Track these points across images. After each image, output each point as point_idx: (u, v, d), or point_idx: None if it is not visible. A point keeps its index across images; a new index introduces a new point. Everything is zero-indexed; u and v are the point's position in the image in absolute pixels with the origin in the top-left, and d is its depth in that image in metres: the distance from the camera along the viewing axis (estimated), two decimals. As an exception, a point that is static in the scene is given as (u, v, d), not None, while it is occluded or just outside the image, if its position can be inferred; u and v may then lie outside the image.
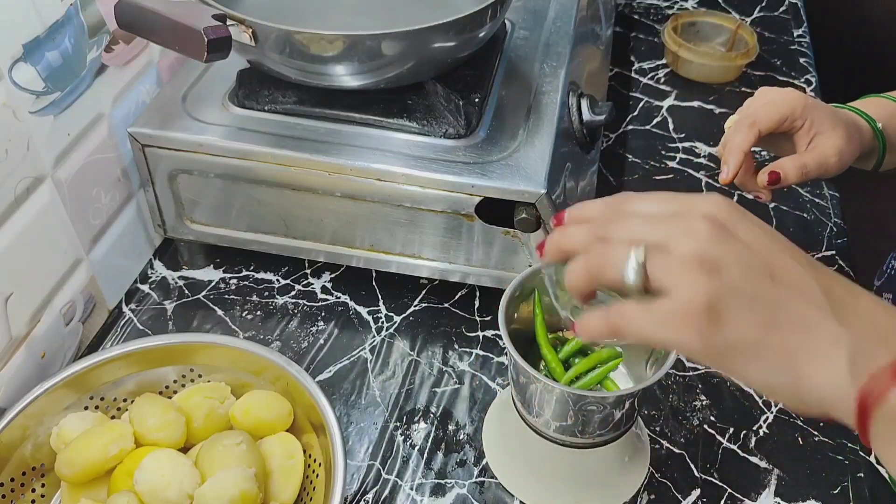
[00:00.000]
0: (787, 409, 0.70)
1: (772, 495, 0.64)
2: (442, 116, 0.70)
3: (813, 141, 0.64)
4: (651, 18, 1.22)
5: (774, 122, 0.63)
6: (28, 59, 0.61)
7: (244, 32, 0.62)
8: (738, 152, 0.63)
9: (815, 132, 0.64)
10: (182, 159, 0.71)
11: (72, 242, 0.70)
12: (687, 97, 1.06)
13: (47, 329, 0.68)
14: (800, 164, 0.63)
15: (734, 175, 0.63)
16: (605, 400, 0.55)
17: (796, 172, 0.63)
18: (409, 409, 0.70)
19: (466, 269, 0.73)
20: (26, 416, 0.58)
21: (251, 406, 0.61)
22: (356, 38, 0.62)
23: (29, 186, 0.63)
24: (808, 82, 1.08)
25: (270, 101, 0.71)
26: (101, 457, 0.56)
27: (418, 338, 0.76)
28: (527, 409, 0.60)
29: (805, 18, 1.22)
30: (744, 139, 0.63)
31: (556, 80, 0.77)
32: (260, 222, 0.75)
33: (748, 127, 0.63)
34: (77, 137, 0.68)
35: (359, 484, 0.65)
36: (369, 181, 0.68)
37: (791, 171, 0.63)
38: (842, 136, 0.64)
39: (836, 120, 0.64)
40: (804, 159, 0.64)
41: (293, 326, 0.77)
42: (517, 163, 0.67)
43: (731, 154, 0.63)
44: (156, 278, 0.81)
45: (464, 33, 0.66)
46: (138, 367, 0.63)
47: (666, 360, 0.55)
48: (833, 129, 0.64)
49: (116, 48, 0.71)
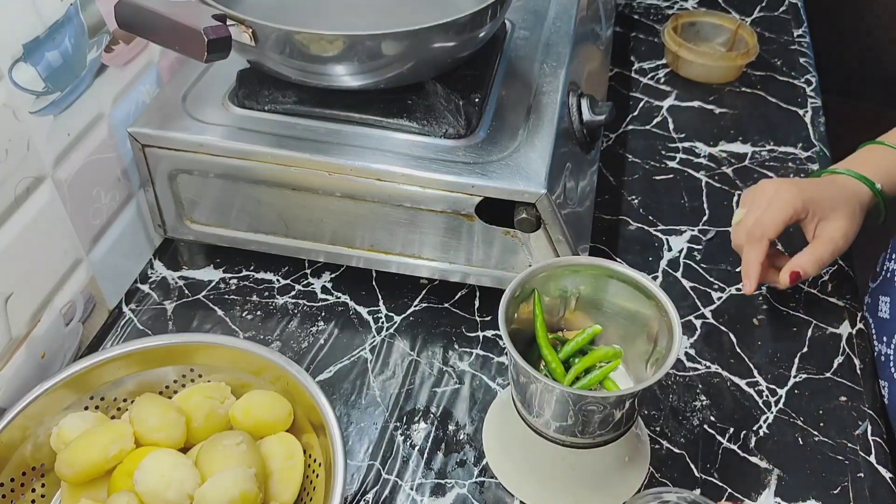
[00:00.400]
0: (786, 410, 0.70)
1: (772, 495, 0.64)
2: (442, 116, 0.70)
3: (818, 227, 0.71)
4: (651, 18, 1.22)
5: (781, 227, 0.70)
6: (28, 59, 0.61)
7: (244, 32, 0.62)
8: (756, 266, 0.70)
9: (818, 219, 0.70)
10: (182, 159, 0.71)
11: (72, 242, 0.70)
12: (687, 97, 1.06)
13: (47, 329, 0.68)
14: (815, 258, 0.70)
15: (755, 287, 0.70)
16: (605, 400, 0.55)
17: (814, 267, 0.70)
18: (409, 409, 0.70)
19: (466, 269, 0.73)
20: (26, 416, 0.58)
21: (251, 406, 0.61)
22: (356, 39, 0.62)
23: (29, 186, 0.63)
24: (808, 82, 1.08)
25: (270, 101, 0.71)
26: (101, 457, 0.56)
27: (418, 338, 0.76)
28: (527, 409, 0.60)
29: (805, 18, 1.22)
30: (758, 254, 0.70)
31: (556, 80, 0.77)
32: (260, 222, 0.75)
33: (759, 241, 0.70)
34: (77, 137, 0.68)
35: (359, 484, 0.65)
36: (369, 181, 0.68)
37: (809, 267, 0.70)
38: (845, 217, 0.70)
39: (835, 201, 0.70)
40: (817, 252, 0.70)
41: (293, 326, 0.77)
42: (517, 163, 0.67)
43: (751, 269, 0.70)
44: (156, 278, 0.81)
45: (464, 33, 0.66)
46: (138, 367, 0.63)
47: (666, 359, 0.55)
48: (834, 212, 0.70)
49: (116, 48, 0.71)
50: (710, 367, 0.74)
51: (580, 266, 0.62)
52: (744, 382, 0.72)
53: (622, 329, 0.63)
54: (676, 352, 0.55)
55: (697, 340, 0.76)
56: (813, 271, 0.70)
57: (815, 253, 0.70)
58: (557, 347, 0.63)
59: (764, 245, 0.70)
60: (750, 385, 0.72)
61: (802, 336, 0.77)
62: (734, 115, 1.03)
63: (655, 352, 0.60)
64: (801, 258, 0.70)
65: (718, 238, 0.86)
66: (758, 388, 0.72)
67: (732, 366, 0.74)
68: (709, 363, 0.74)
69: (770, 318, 0.78)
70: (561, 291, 0.63)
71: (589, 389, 0.60)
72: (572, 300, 0.64)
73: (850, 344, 0.76)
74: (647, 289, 0.59)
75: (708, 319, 0.78)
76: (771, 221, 0.70)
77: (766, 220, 0.70)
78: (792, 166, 0.95)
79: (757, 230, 0.70)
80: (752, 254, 0.70)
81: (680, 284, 0.81)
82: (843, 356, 0.75)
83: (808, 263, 0.70)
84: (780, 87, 1.08)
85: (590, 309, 0.64)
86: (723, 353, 0.75)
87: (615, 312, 0.63)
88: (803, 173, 0.94)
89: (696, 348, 0.75)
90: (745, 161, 0.96)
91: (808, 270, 0.70)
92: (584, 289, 0.63)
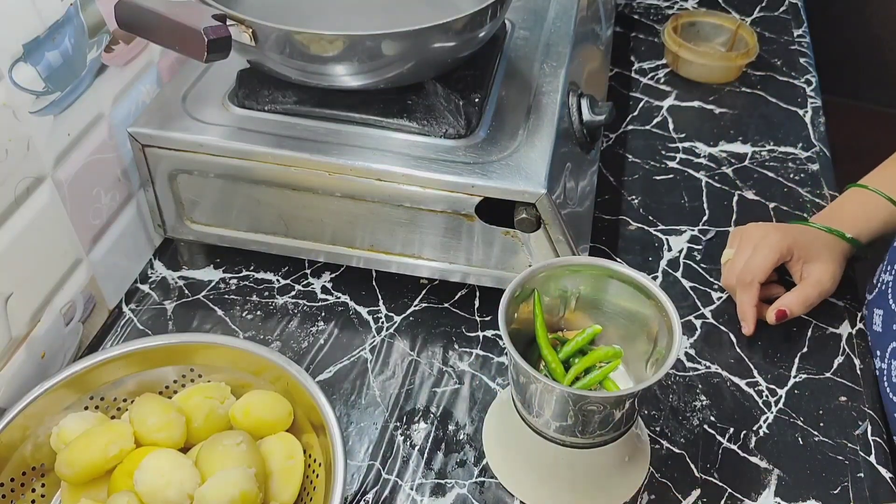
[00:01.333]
0: (786, 410, 0.70)
1: (772, 495, 0.64)
2: (442, 116, 0.70)
3: (804, 269, 0.76)
4: (651, 18, 1.22)
5: (769, 270, 0.75)
6: (28, 60, 0.61)
7: (244, 32, 0.62)
8: (751, 309, 0.75)
9: (803, 261, 0.75)
10: (182, 159, 0.71)
11: (72, 242, 0.70)
12: (687, 97, 1.06)
13: (47, 329, 0.68)
14: (802, 298, 0.74)
15: (754, 328, 0.75)
16: (605, 400, 0.55)
17: (800, 307, 0.75)
18: (409, 409, 0.70)
19: (466, 269, 0.73)
20: (26, 416, 0.58)
21: (251, 406, 0.61)
22: (356, 39, 0.62)
23: (29, 186, 0.63)
24: (808, 82, 1.08)
25: (270, 101, 0.71)
26: (101, 457, 0.56)
27: (418, 338, 0.76)
28: (527, 409, 0.60)
29: (805, 18, 1.22)
30: (751, 297, 0.75)
31: (556, 80, 0.77)
32: (260, 222, 0.75)
33: (749, 285, 0.75)
34: (77, 137, 0.68)
35: (359, 484, 0.65)
36: (369, 181, 0.68)
37: (795, 308, 0.74)
38: (829, 259, 0.75)
39: (819, 245, 0.76)
40: (805, 293, 0.75)
41: (293, 326, 0.77)
42: (517, 163, 0.67)
43: (747, 313, 0.75)
44: (156, 278, 0.81)
45: (464, 33, 0.66)
46: (138, 367, 0.63)
47: (666, 360, 0.55)
48: (819, 256, 0.75)
49: (116, 48, 0.71)
50: (709, 367, 0.74)
51: (580, 266, 0.62)
52: (744, 382, 0.72)
53: (622, 329, 0.63)
54: (676, 352, 0.55)
55: (697, 340, 0.76)
56: (799, 311, 0.75)
57: (802, 293, 0.75)
58: (557, 347, 0.63)
59: (755, 289, 0.75)
60: (750, 385, 0.72)
61: (802, 336, 0.77)
62: (734, 115, 1.03)
63: (655, 352, 0.60)
64: (788, 298, 0.75)
65: (718, 238, 0.86)
66: (758, 388, 0.72)
67: (732, 366, 0.74)
68: (709, 363, 0.74)
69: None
70: (561, 291, 0.63)
71: (589, 389, 0.60)
72: (572, 300, 0.64)
73: (850, 344, 0.76)
74: (648, 289, 0.59)
75: (708, 319, 0.78)
76: (759, 266, 0.75)
77: (754, 266, 0.75)
78: (792, 166, 0.95)
79: (747, 276, 0.75)
80: (745, 298, 0.75)
81: (680, 284, 0.81)
82: (843, 356, 0.75)
83: (794, 304, 0.74)
84: (780, 87, 1.08)
85: (590, 309, 0.64)
86: (723, 353, 0.75)
87: (615, 312, 0.63)
88: (803, 173, 0.94)
89: (696, 348, 0.75)
90: (745, 161, 0.96)
91: (795, 310, 0.74)
92: (584, 289, 0.63)
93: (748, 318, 0.75)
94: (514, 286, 0.59)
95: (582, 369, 0.62)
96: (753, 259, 0.75)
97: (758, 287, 0.75)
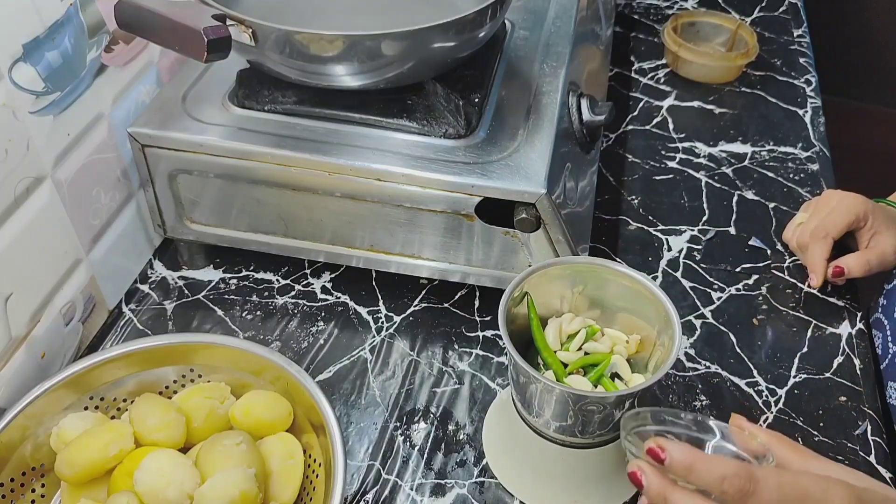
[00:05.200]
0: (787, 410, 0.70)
1: (772, 495, 0.64)
2: (442, 116, 0.70)
3: (873, 239, 0.78)
4: (651, 18, 1.22)
5: (844, 228, 0.77)
6: (28, 59, 0.61)
7: (244, 32, 0.62)
8: (822, 262, 0.77)
9: (874, 231, 0.77)
10: (182, 159, 0.71)
11: (71, 242, 0.70)
12: (687, 97, 1.06)
13: (47, 329, 0.68)
14: (864, 261, 0.77)
15: (822, 281, 0.78)
16: (605, 400, 0.55)
17: (861, 269, 0.77)
18: (409, 410, 0.70)
19: (466, 269, 0.73)
20: (26, 416, 0.58)
21: (251, 406, 0.61)
22: (356, 39, 0.62)
23: (29, 186, 0.63)
24: (807, 82, 1.08)
25: (270, 101, 0.71)
26: (101, 457, 0.56)
27: (418, 338, 0.76)
28: (527, 410, 0.60)
29: (805, 18, 1.22)
30: (823, 250, 0.77)
31: (555, 80, 0.77)
32: (260, 222, 0.75)
33: (823, 239, 0.77)
34: (77, 137, 0.68)
35: (359, 484, 0.65)
36: (369, 181, 0.68)
37: (856, 268, 0.77)
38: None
39: (891, 221, 0.78)
40: (868, 256, 0.77)
41: (293, 326, 0.77)
42: (517, 163, 0.67)
43: (817, 265, 0.77)
44: (156, 278, 0.81)
45: (464, 33, 0.66)
46: (138, 367, 0.63)
47: (666, 360, 0.55)
48: (888, 230, 0.77)
49: (116, 48, 0.71)
50: (709, 367, 0.74)
51: (580, 266, 0.62)
52: (743, 382, 0.72)
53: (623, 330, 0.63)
54: (676, 352, 0.55)
55: (697, 340, 0.76)
56: (858, 273, 0.77)
57: (864, 257, 0.77)
58: None
59: (828, 243, 0.77)
60: (750, 385, 0.72)
61: (802, 336, 0.77)
62: (734, 116, 1.03)
63: (655, 352, 0.60)
64: (850, 258, 0.77)
65: (718, 238, 0.86)
66: (757, 388, 0.72)
67: (732, 366, 0.74)
68: (709, 363, 0.74)
69: (770, 319, 0.78)
70: (560, 292, 0.63)
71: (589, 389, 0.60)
72: (571, 300, 0.64)
73: (850, 344, 0.76)
74: (648, 289, 0.59)
75: (708, 319, 0.78)
76: (835, 223, 0.77)
77: (831, 222, 0.77)
78: (792, 166, 0.95)
79: (821, 230, 0.77)
80: (817, 250, 0.78)
81: (680, 284, 0.81)
82: (842, 356, 0.75)
83: (855, 264, 0.77)
84: (779, 87, 1.08)
85: (590, 309, 0.64)
86: (723, 353, 0.75)
87: (615, 312, 0.63)
88: (803, 173, 0.94)
89: (696, 348, 0.75)
90: (744, 161, 0.96)
91: (854, 270, 0.77)
92: (584, 289, 0.63)
93: (818, 270, 0.77)
94: (512, 286, 0.59)
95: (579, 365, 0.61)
96: (830, 216, 0.78)
97: (831, 242, 0.77)
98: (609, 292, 0.62)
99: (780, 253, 0.85)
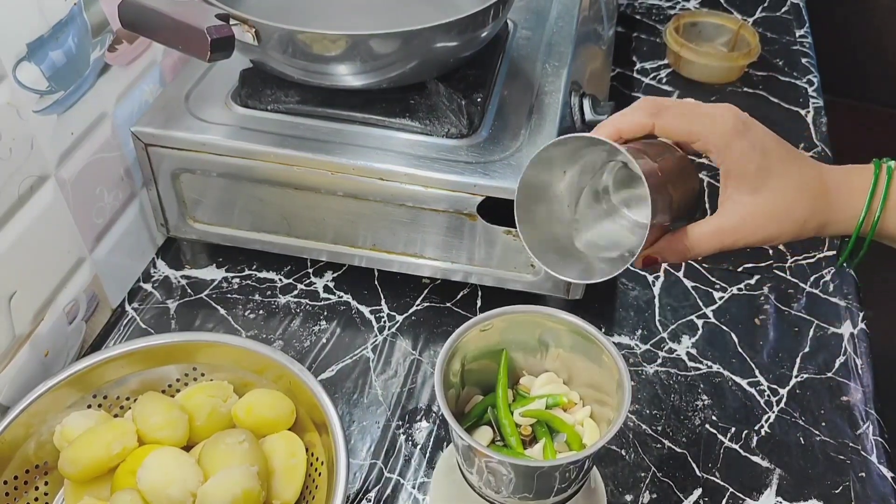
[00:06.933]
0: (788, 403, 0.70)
1: (773, 495, 0.64)
2: (444, 116, 0.70)
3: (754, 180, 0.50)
4: (653, 19, 1.22)
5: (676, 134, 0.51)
6: (32, 59, 0.61)
7: (247, 32, 0.62)
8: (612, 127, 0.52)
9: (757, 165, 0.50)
10: (185, 158, 0.71)
11: (75, 241, 0.70)
12: (689, 97, 1.06)
13: (51, 328, 0.68)
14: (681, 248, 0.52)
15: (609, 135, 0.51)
16: (557, 468, 0.51)
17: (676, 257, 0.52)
18: (411, 408, 0.70)
19: (468, 268, 0.74)
20: (29, 414, 0.58)
21: (254, 405, 0.61)
22: (359, 38, 0.62)
23: (32, 185, 0.63)
24: (809, 82, 1.08)
25: (273, 100, 0.72)
26: (104, 455, 0.57)
27: (420, 337, 0.76)
28: (477, 478, 0.55)
29: (807, 19, 1.22)
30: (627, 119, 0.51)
31: (558, 79, 0.77)
32: (262, 221, 0.75)
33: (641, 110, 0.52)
34: (80, 136, 0.68)
35: (361, 482, 0.65)
36: (372, 180, 0.68)
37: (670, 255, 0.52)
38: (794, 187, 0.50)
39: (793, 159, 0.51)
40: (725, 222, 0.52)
41: (295, 325, 0.77)
42: (519, 162, 0.67)
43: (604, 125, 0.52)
44: (158, 277, 0.81)
45: (466, 33, 0.66)
46: (141, 365, 0.63)
47: (617, 419, 0.51)
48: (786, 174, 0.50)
49: (120, 48, 0.71)
50: (711, 367, 0.74)
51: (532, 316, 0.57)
52: (745, 382, 0.73)
53: (587, 381, 0.59)
54: (626, 410, 0.51)
55: (699, 340, 0.76)
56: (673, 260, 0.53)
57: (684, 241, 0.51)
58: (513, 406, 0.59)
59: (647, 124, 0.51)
60: (752, 385, 0.72)
61: (804, 336, 0.77)
62: (736, 116, 1.03)
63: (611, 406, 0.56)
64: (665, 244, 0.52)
65: (720, 238, 0.86)
66: (759, 387, 0.72)
67: (734, 365, 0.74)
68: (710, 363, 0.74)
69: (772, 318, 0.78)
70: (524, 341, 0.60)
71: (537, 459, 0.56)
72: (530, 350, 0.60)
73: (852, 344, 0.76)
74: (596, 339, 0.55)
75: (709, 319, 0.78)
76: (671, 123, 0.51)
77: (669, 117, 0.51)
78: (794, 166, 0.95)
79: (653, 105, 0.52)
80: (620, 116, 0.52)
81: (681, 284, 0.81)
82: (844, 356, 0.75)
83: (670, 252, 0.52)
84: (781, 88, 1.08)
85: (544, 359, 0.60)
86: (724, 353, 0.75)
87: (573, 364, 0.59)
88: (805, 173, 0.94)
89: (698, 348, 0.75)
90: (746, 161, 0.96)
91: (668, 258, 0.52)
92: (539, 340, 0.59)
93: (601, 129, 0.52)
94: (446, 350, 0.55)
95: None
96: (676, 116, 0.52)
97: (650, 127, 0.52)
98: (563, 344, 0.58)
99: (781, 253, 0.85)
